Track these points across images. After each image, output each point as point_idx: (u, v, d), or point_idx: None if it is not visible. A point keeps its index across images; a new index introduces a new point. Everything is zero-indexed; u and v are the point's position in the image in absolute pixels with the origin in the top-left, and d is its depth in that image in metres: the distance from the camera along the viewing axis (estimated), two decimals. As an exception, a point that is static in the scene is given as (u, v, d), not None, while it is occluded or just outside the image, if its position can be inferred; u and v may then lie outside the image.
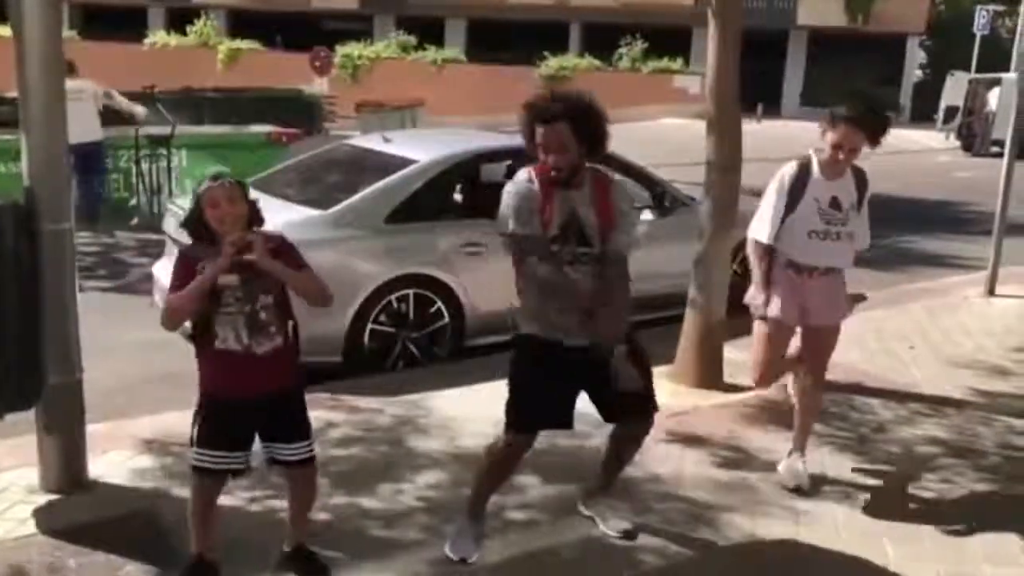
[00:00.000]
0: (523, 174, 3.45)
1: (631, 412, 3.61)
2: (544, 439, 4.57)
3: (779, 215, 4.07)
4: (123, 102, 10.81)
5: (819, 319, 4.17)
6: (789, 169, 4.11)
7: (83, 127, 10.19)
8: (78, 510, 3.76)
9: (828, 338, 4.26)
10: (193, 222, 3.12)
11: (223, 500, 3.37)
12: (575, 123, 3.30)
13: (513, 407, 3.49)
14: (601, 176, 3.49)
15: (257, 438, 3.22)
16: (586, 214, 3.39)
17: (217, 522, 3.32)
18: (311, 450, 3.27)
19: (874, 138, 3.97)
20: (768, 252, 4.12)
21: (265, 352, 3.11)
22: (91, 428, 4.03)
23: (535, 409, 3.49)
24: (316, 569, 3.38)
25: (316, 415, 4.41)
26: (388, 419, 4.88)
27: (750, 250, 4.20)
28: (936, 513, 4.07)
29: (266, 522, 3.68)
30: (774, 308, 4.12)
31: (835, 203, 4.05)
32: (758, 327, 4.21)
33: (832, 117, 3.98)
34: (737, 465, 4.46)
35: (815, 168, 4.07)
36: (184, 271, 3.10)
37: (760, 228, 4.15)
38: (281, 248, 3.14)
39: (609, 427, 3.78)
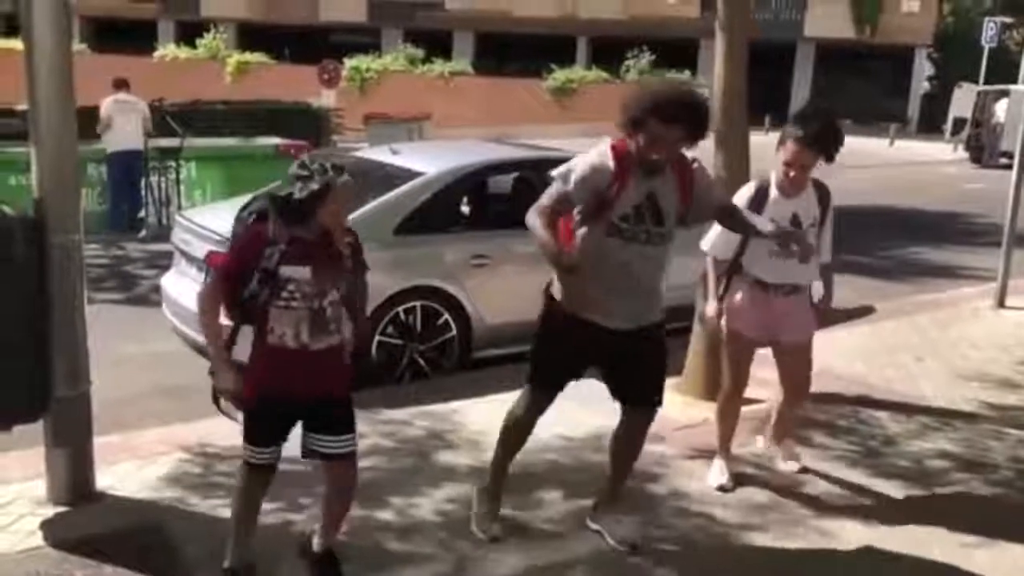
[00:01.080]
0: (604, 147, 3.52)
1: (642, 399, 3.73)
2: (571, 455, 4.58)
3: (730, 234, 4.03)
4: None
5: (789, 335, 4.17)
6: (746, 191, 4.13)
7: (127, 137, 10.48)
8: (86, 522, 3.75)
9: (801, 356, 4.27)
10: (302, 201, 2.90)
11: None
12: (690, 128, 3.41)
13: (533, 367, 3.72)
14: (682, 159, 3.57)
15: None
16: (666, 195, 3.50)
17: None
18: (354, 444, 3.16)
19: (828, 155, 3.95)
20: (723, 265, 4.17)
21: (320, 348, 3.00)
22: (99, 440, 4.03)
23: (551, 371, 3.69)
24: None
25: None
26: (400, 430, 4.86)
27: (707, 264, 4.25)
28: (947, 527, 4.03)
29: (283, 533, 3.67)
30: (736, 321, 4.14)
31: (795, 220, 4.00)
32: (726, 338, 4.25)
33: (782, 135, 3.99)
34: (748, 478, 4.43)
35: (773, 188, 4.05)
36: (244, 248, 2.99)
37: (709, 242, 4.21)
38: (356, 245, 3.08)
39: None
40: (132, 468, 4.26)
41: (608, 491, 3.90)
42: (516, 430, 3.83)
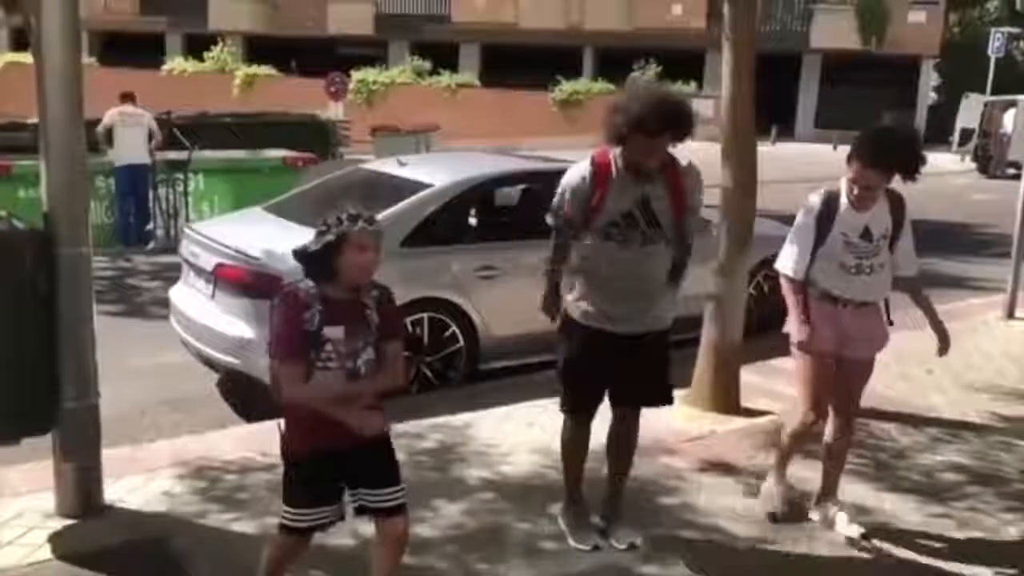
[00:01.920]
0: (585, 162, 3.67)
1: (640, 400, 3.85)
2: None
3: (807, 249, 3.86)
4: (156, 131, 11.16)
5: (855, 351, 3.96)
6: (816, 201, 3.88)
7: (132, 150, 10.57)
8: (94, 535, 3.74)
9: (862, 371, 4.06)
10: (321, 258, 2.81)
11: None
12: (676, 134, 3.50)
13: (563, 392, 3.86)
14: (670, 160, 3.63)
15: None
16: (659, 198, 3.59)
17: None
18: (403, 496, 2.99)
19: (904, 174, 3.72)
20: (802, 286, 3.92)
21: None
22: (107, 453, 4.02)
23: (582, 392, 3.80)
24: None
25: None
26: (412, 443, 4.84)
27: (783, 283, 4.01)
28: (959, 540, 4.01)
29: None
30: (815, 341, 3.88)
31: (866, 234, 3.81)
32: (800, 361, 3.98)
33: (851, 151, 3.77)
34: (756, 491, 4.40)
35: (843, 199, 3.82)
36: (290, 315, 2.81)
37: (786, 262, 3.96)
38: (383, 300, 2.93)
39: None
40: (140, 481, 4.26)
41: (609, 492, 3.97)
42: (571, 447, 3.93)
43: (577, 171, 3.67)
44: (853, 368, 4.00)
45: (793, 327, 3.96)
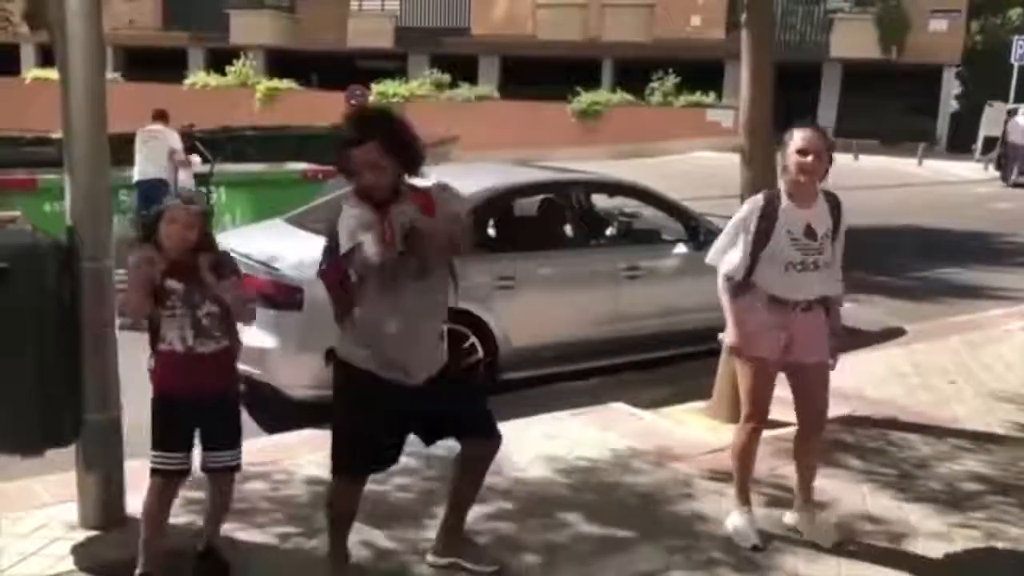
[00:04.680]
0: (351, 199, 3.31)
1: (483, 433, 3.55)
2: (595, 477, 4.54)
3: (748, 248, 3.82)
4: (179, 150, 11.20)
5: (804, 355, 3.87)
6: (754, 203, 3.89)
7: (150, 166, 10.72)
8: (116, 547, 3.76)
9: (818, 376, 3.94)
10: (147, 227, 3.41)
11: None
12: (383, 142, 3.20)
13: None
14: (420, 191, 3.36)
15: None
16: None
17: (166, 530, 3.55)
18: (238, 459, 3.55)
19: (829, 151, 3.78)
20: (739, 287, 3.87)
21: (207, 351, 3.39)
22: (130, 464, 4.04)
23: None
24: (219, 568, 3.59)
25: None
26: (429, 451, 4.85)
27: (720, 283, 3.96)
28: (982, 551, 3.97)
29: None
30: (753, 346, 3.86)
31: (809, 231, 3.80)
32: (740, 365, 3.96)
33: (785, 134, 3.83)
34: (778, 502, 4.37)
35: (784, 197, 3.85)
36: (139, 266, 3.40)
37: (722, 258, 3.93)
38: (220, 261, 3.45)
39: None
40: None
41: (451, 521, 3.70)
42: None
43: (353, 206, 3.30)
44: (807, 373, 3.92)
45: (729, 331, 3.91)
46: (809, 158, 3.74)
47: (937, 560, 3.90)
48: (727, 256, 3.92)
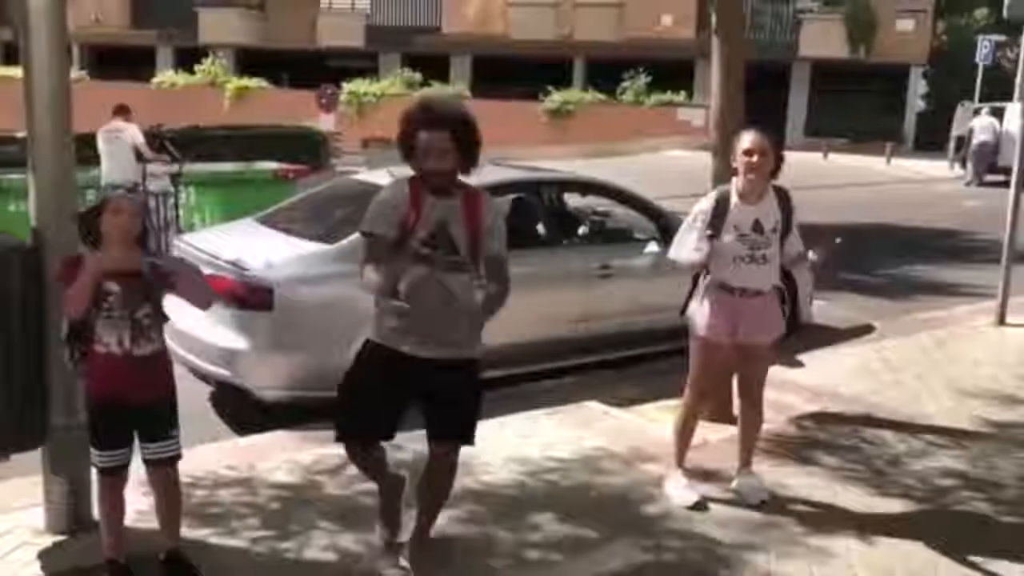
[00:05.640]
0: (400, 181, 3.49)
1: (452, 435, 3.55)
2: (568, 477, 4.54)
3: (697, 241, 4.15)
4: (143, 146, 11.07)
5: (749, 337, 4.23)
6: (707, 201, 4.21)
7: (115, 167, 10.50)
8: (83, 552, 3.70)
9: (761, 355, 4.35)
10: (87, 221, 3.38)
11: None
12: (455, 132, 3.34)
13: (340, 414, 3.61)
14: (472, 191, 3.50)
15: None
16: (454, 223, 3.41)
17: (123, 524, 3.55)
18: (176, 448, 3.49)
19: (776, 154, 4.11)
20: (696, 276, 4.29)
21: (144, 354, 3.35)
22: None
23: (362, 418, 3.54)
24: (187, 574, 3.51)
25: (332, 452, 4.38)
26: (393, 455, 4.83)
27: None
28: (954, 547, 3.99)
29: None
30: (705, 327, 4.24)
31: (757, 227, 4.14)
32: (691, 344, 4.35)
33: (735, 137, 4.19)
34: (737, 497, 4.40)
35: (734, 196, 4.15)
36: (70, 268, 3.36)
37: (677, 251, 4.29)
38: (155, 267, 3.40)
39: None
40: (130, 497, 4.21)
41: (424, 525, 3.69)
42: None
43: (388, 191, 3.53)
44: (751, 352, 4.31)
45: (696, 316, 4.29)
46: (755, 157, 4.08)
47: (911, 554, 3.93)
48: (683, 250, 4.27)
